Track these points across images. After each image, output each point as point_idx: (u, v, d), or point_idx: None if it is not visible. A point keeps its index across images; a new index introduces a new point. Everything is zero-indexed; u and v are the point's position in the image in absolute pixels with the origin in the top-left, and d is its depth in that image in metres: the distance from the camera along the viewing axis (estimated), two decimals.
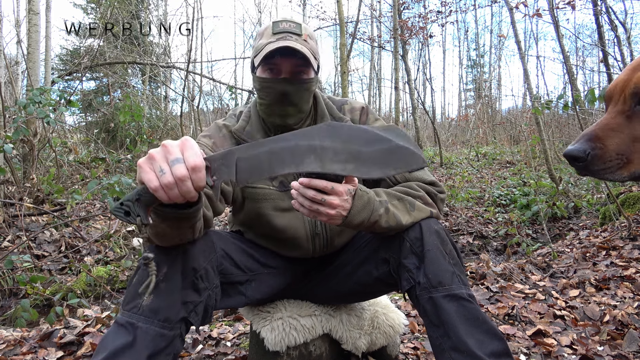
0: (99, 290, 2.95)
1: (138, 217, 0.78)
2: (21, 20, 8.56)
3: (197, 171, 0.75)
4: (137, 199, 0.78)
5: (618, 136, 0.88)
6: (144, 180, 0.76)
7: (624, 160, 0.87)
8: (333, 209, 0.95)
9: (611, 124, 0.90)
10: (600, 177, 0.90)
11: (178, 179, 0.74)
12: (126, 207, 0.77)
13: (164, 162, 0.75)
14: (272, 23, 1.19)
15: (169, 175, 0.74)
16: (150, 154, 0.77)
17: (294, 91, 1.18)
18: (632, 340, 1.72)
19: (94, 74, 9.46)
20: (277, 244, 1.30)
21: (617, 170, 0.88)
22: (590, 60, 16.94)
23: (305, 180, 0.94)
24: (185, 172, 0.74)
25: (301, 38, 1.17)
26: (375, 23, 16.03)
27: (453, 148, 14.13)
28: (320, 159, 0.78)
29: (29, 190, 4.02)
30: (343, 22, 6.44)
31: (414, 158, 0.80)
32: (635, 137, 0.87)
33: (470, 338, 0.95)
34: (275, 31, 1.17)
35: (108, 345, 0.91)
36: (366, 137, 0.79)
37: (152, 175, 0.75)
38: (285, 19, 1.20)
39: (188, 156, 0.75)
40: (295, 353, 1.33)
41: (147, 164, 0.77)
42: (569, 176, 5.92)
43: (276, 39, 1.15)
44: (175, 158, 0.75)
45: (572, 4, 5.47)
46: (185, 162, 0.75)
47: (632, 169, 0.87)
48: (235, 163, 0.79)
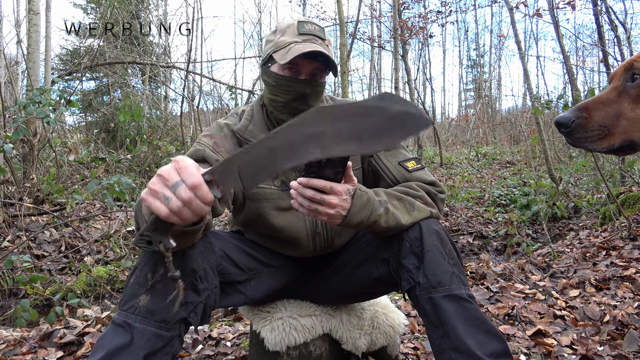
0: (99, 290, 2.95)
1: (160, 244, 0.79)
2: (21, 20, 8.57)
3: (199, 189, 0.75)
4: (155, 228, 0.79)
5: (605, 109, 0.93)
6: (154, 211, 0.77)
7: (605, 132, 0.92)
8: (332, 209, 0.95)
9: (603, 97, 0.94)
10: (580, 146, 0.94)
11: (185, 201, 0.75)
12: (147, 238, 0.79)
13: (166, 190, 0.76)
14: (297, 22, 1.18)
15: (175, 201, 0.75)
16: (149, 187, 0.78)
17: (312, 93, 1.19)
18: (632, 340, 1.72)
19: (94, 74, 9.46)
20: (277, 244, 1.30)
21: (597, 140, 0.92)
22: (590, 60, 16.94)
23: (304, 180, 0.94)
24: (189, 193, 0.75)
25: (324, 43, 1.18)
26: (375, 23, 16.03)
27: (453, 148, 14.13)
28: (320, 145, 0.75)
29: (29, 190, 4.02)
30: (343, 22, 6.44)
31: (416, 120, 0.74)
32: (620, 111, 0.91)
33: (470, 338, 0.96)
34: (302, 32, 1.16)
35: (105, 344, 0.92)
36: (361, 111, 0.75)
37: (159, 205, 0.76)
38: (310, 21, 1.20)
39: (185, 178, 0.75)
40: (295, 353, 1.33)
41: (150, 197, 0.77)
42: (569, 176, 5.92)
43: (302, 40, 1.14)
44: (174, 183, 0.75)
45: (572, 4, 5.47)
46: (186, 184, 0.75)
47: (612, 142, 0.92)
48: (238, 170, 0.78)
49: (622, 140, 0.91)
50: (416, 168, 1.22)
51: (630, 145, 0.92)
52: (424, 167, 1.24)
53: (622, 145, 0.92)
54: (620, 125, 0.91)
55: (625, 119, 0.91)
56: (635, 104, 0.90)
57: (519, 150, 10.23)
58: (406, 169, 1.21)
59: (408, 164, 1.22)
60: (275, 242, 1.29)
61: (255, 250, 1.28)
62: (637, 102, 0.90)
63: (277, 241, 1.29)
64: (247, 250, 1.26)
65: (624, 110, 0.91)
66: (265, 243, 1.31)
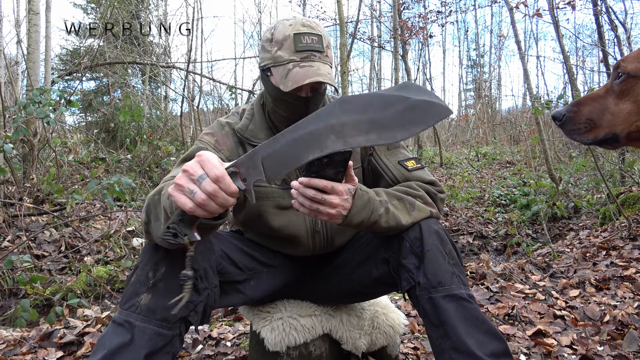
0: (99, 290, 2.95)
1: (185, 237, 0.80)
2: (21, 20, 8.56)
3: (222, 180, 0.77)
4: (181, 219, 0.80)
5: (593, 104, 1.01)
6: (179, 206, 0.79)
7: (591, 125, 1.01)
8: (333, 208, 0.95)
9: (594, 94, 1.03)
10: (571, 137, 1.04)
11: (209, 194, 0.77)
12: (173, 230, 0.80)
13: (192, 184, 0.78)
14: (293, 35, 1.11)
15: (200, 194, 0.77)
16: (175, 182, 0.80)
17: (313, 107, 1.19)
18: (632, 340, 1.72)
19: (94, 74, 9.45)
20: (277, 242, 1.30)
21: (584, 133, 1.01)
22: (590, 60, 16.91)
23: (305, 180, 0.93)
24: (213, 185, 0.77)
25: (324, 54, 1.13)
26: (375, 23, 16.02)
27: (453, 148, 14.12)
28: (342, 136, 0.77)
29: (29, 190, 4.01)
30: (343, 22, 6.43)
31: (436, 109, 0.76)
32: (606, 106, 0.99)
33: (470, 338, 0.96)
34: (299, 48, 1.10)
35: (106, 343, 0.92)
36: (381, 101, 0.77)
37: (185, 199, 0.78)
38: (307, 32, 1.12)
39: (208, 170, 0.78)
40: (295, 353, 1.33)
41: (177, 192, 0.79)
42: (569, 176, 5.92)
43: (299, 59, 1.10)
44: (199, 176, 0.78)
45: (572, 4, 5.46)
46: (209, 177, 0.77)
47: (597, 134, 1.01)
48: (262, 162, 0.81)
49: (606, 132, 0.99)
50: (416, 167, 1.22)
51: (614, 138, 0.99)
52: (423, 166, 1.24)
53: (606, 137, 1.00)
54: (605, 119, 0.99)
55: (609, 113, 0.99)
56: (619, 100, 0.98)
57: (519, 150, 10.23)
58: (406, 168, 1.21)
59: (408, 163, 1.22)
60: (274, 241, 1.29)
61: (255, 250, 1.28)
62: (621, 97, 0.98)
63: (276, 240, 1.28)
64: (247, 250, 1.26)
65: (609, 105, 0.99)
66: (265, 242, 1.31)
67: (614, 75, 0.99)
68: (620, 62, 0.99)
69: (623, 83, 0.97)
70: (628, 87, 0.97)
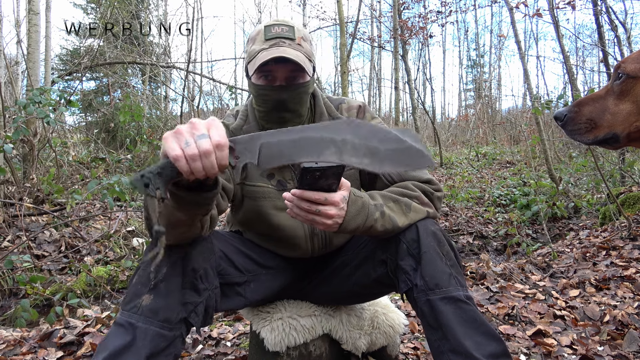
0: (99, 290, 2.95)
1: (157, 190, 0.78)
2: (21, 20, 8.56)
3: (221, 149, 0.78)
4: (159, 172, 0.78)
5: (593, 105, 1.03)
6: (167, 150, 0.77)
7: (592, 125, 1.02)
8: (330, 219, 0.95)
9: (595, 94, 1.04)
10: (572, 137, 1.06)
11: (202, 152, 0.76)
12: (146, 180, 0.77)
13: (190, 136, 0.77)
14: (263, 27, 1.16)
15: (193, 148, 0.76)
16: (177, 128, 0.79)
17: (290, 98, 1.17)
18: (632, 340, 1.72)
19: (94, 74, 9.45)
20: (276, 244, 1.29)
21: (585, 133, 1.03)
22: (590, 60, 16.90)
23: (298, 192, 0.93)
24: (209, 147, 0.76)
25: (295, 42, 1.15)
26: (375, 23, 16.02)
27: (453, 148, 14.12)
28: (340, 151, 0.83)
29: (29, 190, 4.02)
30: (343, 22, 6.44)
31: (423, 159, 0.86)
32: (606, 107, 1.01)
33: (468, 340, 0.95)
34: (268, 37, 1.14)
35: (108, 345, 0.92)
36: (384, 136, 0.85)
37: (176, 146, 0.77)
38: (278, 23, 1.17)
39: (213, 134, 0.78)
40: (295, 353, 1.33)
41: (172, 137, 0.78)
42: (569, 176, 5.92)
43: (269, 46, 1.12)
44: (201, 134, 0.77)
45: (572, 4, 5.46)
46: (211, 139, 0.77)
47: (597, 134, 1.02)
48: (260, 147, 0.83)
49: (606, 132, 1.00)
50: None
51: (614, 138, 1.00)
52: None
53: (606, 137, 1.01)
54: (605, 119, 1.00)
55: (609, 114, 1.00)
56: (619, 100, 0.99)
57: (519, 150, 10.22)
58: None
59: None
60: (273, 242, 1.29)
61: (254, 252, 1.28)
62: (620, 98, 0.99)
63: (275, 241, 1.28)
64: (246, 252, 1.26)
65: (608, 105, 1.00)
66: (264, 243, 1.31)
67: (614, 76, 1.00)
68: (620, 63, 1.00)
69: (623, 84, 0.98)
70: (628, 87, 0.97)
